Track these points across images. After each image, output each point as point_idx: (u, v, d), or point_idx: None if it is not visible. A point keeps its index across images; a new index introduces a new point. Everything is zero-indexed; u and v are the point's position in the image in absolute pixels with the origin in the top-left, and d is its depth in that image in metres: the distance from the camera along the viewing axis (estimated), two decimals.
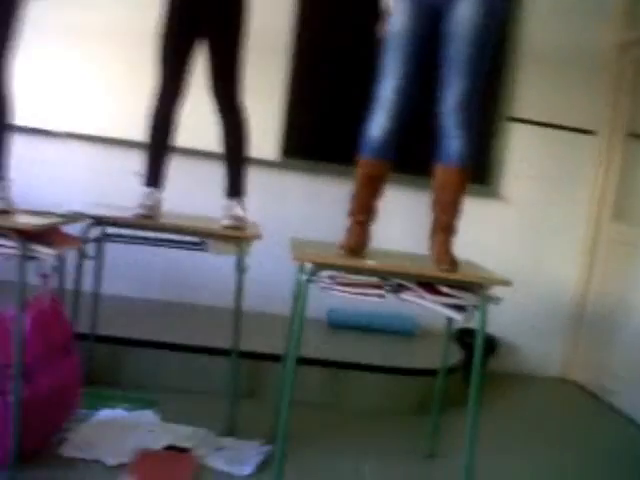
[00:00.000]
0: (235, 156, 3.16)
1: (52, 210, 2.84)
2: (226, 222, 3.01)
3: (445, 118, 2.68)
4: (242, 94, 3.10)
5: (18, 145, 2.84)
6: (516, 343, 4.60)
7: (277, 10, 3.48)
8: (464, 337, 4.00)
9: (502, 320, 4.10)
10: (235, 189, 3.15)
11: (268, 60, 3.28)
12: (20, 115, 2.80)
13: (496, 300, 2.63)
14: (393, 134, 2.73)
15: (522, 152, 4.55)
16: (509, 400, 4.14)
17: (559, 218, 4.60)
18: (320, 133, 4.25)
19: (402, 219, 3.99)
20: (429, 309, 2.66)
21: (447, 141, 2.70)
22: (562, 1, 4.47)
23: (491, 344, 4.30)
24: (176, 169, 3.24)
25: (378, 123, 2.73)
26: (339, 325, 4.27)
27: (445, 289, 2.62)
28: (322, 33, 4.20)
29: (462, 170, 2.72)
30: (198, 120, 3.28)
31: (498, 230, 4.53)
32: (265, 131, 3.21)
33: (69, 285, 2.94)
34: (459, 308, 2.65)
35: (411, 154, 2.99)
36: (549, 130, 4.55)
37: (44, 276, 2.69)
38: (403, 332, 4.28)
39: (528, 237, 4.58)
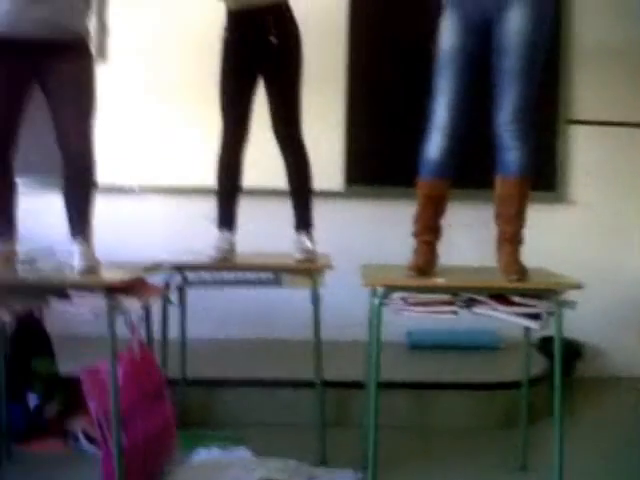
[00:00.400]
0: (300, 191, 3.28)
1: (134, 262, 3.00)
2: (297, 256, 3.13)
3: (502, 130, 2.73)
4: (302, 131, 3.22)
5: (98, 203, 3.01)
6: (602, 346, 4.51)
7: (330, 41, 3.59)
8: (547, 345, 3.96)
9: (586, 324, 4.09)
10: (303, 223, 3.27)
11: (325, 92, 3.40)
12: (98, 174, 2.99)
13: (571, 304, 2.63)
14: (450, 152, 2.79)
15: (586, 154, 4.52)
16: (600, 406, 4.06)
17: (630, 216, 4.53)
18: (382, 158, 4.32)
19: (468, 233, 4.00)
20: (504, 320, 2.69)
21: (505, 153, 2.74)
22: None
23: (576, 349, 4.24)
24: (245, 208, 3.36)
25: (435, 142, 2.79)
26: (419, 346, 4.28)
27: (517, 299, 2.64)
28: (375, 59, 4.31)
29: (522, 181, 2.75)
30: (262, 159, 3.40)
31: (569, 234, 4.48)
32: (328, 162, 3.33)
33: (156, 332, 3.09)
34: (534, 316, 2.67)
35: (471, 167, 3.02)
36: (611, 128, 4.50)
37: (132, 327, 2.84)
38: (485, 346, 4.27)
39: (601, 238, 4.51)
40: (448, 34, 2.77)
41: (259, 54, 3.16)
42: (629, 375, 4.53)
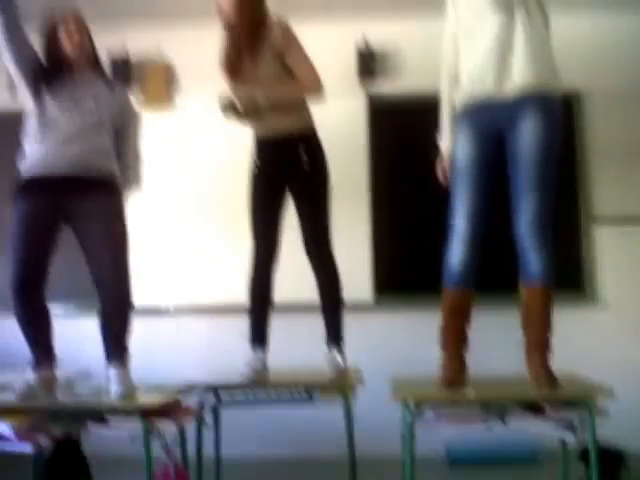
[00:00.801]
0: (331, 306, 3.33)
1: (169, 384, 3.06)
2: (329, 372, 3.15)
3: (522, 240, 2.77)
4: (332, 248, 3.32)
5: (134, 326, 3.10)
6: None
7: (353, 160, 3.74)
8: (587, 454, 3.86)
9: (629, 430, 4.06)
10: (334, 337, 3.30)
11: (352, 208, 3.53)
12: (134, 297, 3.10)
13: (604, 412, 2.62)
14: (472, 261, 2.84)
15: (612, 253, 4.54)
16: None
17: None
18: (409, 267, 4.43)
19: (496, 339, 4.00)
20: (538, 432, 2.67)
21: (527, 262, 2.78)
22: (620, 95, 4.59)
23: (619, 457, 4.12)
24: (276, 323, 3.41)
25: (456, 252, 2.85)
26: (458, 461, 4.21)
27: (550, 409, 2.63)
28: (396, 173, 4.50)
29: (546, 290, 2.78)
30: (291, 274, 3.49)
31: (600, 336, 4.44)
32: (356, 273, 3.42)
33: (191, 452, 3.11)
34: (569, 426, 2.66)
35: (498, 272, 3.07)
36: (636, 225, 4.55)
37: (167, 449, 2.87)
38: (526, 459, 4.17)
39: (634, 339, 4.46)
40: (462, 144, 2.86)
41: (289, 178, 3.30)
42: None
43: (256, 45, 3.21)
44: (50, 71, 3.06)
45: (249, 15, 3.21)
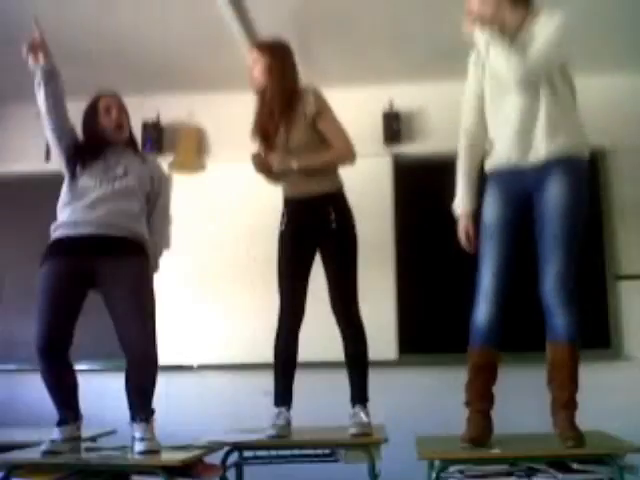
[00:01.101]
0: (357, 365, 3.33)
1: (193, 442, 3.07)
2: (353, 430, 3.11)
3: (547, 298, 2.78)
4: (359, 307, 3.33)
5: (158, 383, 3.13)
6: None
7: (379, 220, 3.80)
8: None
9: None
10: (359, 396, 3.28)
11: (377, 266, 3.57)
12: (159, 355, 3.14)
13: (632, 469, 2.57)
14: (497, 319, 2.85)
15: (638, 309, 4.51)
16: None
17: None
18: (433, 326, 4.44)
19: (524, 398, 3.95)
20: None
21: (553, 320, 2.78)
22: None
23: None
24: (300, 380, 3.40)
25: (482, 311, 2.87)
26: None
27: (577, 465, 2.59)
28: (420, 232, 4.56)
29: (572, 346, 2.77)
30: (315, 332, 3.50)
31: (628, 392, 4.36)
32: (381, 332, 3.44)
33: None
34: None
35: (523, 330, 3.06)
36: None
37: None
38: None
39: None
40: (490, 207, 2.92)
41: (318, 236, 3.35)
42: None
43: (288, 111, 3.29)
44: (86, 147, 3.17)
45: (280, 82, 3.30)
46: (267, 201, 4.50)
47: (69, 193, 3.13)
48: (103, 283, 3.06)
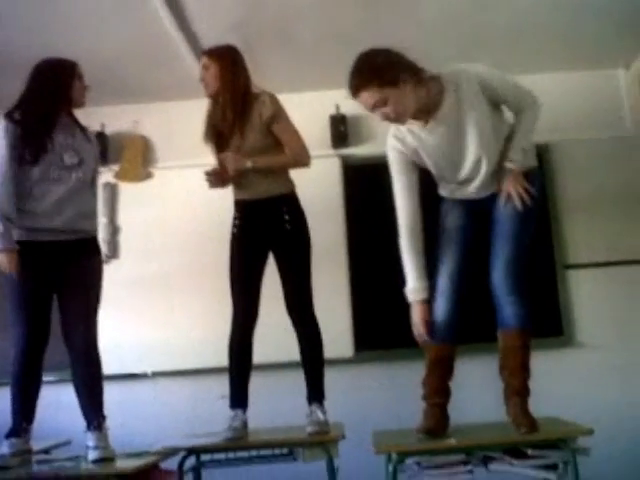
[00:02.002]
0: (313, 364, 3.33)
1: (148, 449, 3.03)
2: (310, 429, 3.11)
3: (496, 288, 2.83)
4: (314, 306, 3.33)
5: (110, 391, 3.09)
6: None
7: (330, 221, 3.81)
8: None
9: (615, 469, 4.06)
10: (316, 395, 3.28)
11: (330, 267, 3.58)
12: (110, 363, 3.09)
13: (585, 451, 2.61)
14: (454, 316, 2.90)
15: (588, 296, 4.59)
16: None
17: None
18: (387, 323, 4.41)
19: (479, 388, 3.99)
20: (521, 475, 2.66)
21: (502, 309, 2.82)
22: (584, 147, 4.74)
23: None
24: (259, 383, 3.39)
25: (439, 309, 2.91)
26: None
27: (531, 451, 2.63)
28: (372, 231, 4.57)
29: (522, 333, 2.81)
30: (269, 333, 3.48)
31: (581, 378, 4.43)
32: (336, 331, 3.44)
33: None
34: (551, 467, 2.65)
35: (478, 322, 3.10)
36: (609, 269, 4.60)
37: None
38: None
39: (613, 379, 4.44)
40: (449, 213, 3.00)
41: (271, 239, 3.34)
42: None
43: (242, 114, 3.29)
44: (36, 124, 3.04)
45: (233, 85, 3.31)
46: (216, 207, 4.48)
47: (25, 182, 3.01)
48: (62, 284, 3.05)
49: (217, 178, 3.33)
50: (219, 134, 3.37)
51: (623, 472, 4.23)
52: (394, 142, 2.92)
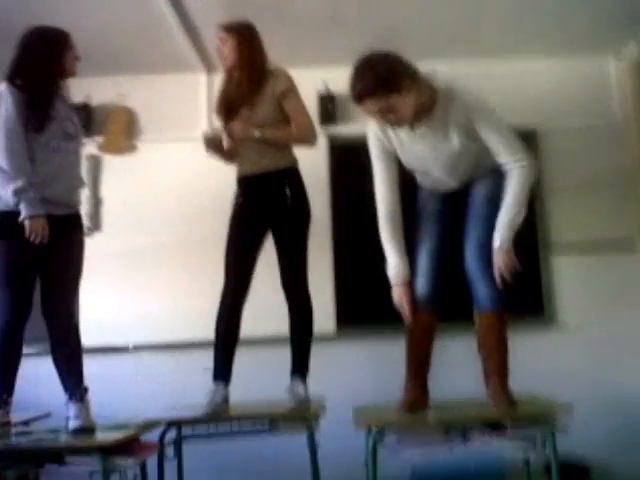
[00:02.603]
0: (302, 340, 3.35)
1: (129, 421, 3.02)
2: (291, 403, 3.13)
3: (470, 270, 2.88)
4: (308, 283, 3.35)
5: (91, 365, 3.09)
6: (612, 465, 4.38)
7: (315, 198, 3.79)
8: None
9: (591, 444, 4.12)
10: (299, 369, 3.30)
11: (314, 244, 3.56)
12: (91, 336, 3.08)
13: (563, 427, 2.64)
14: (433, 292, 2.93)
15: (570, 277, 4.63)
16: None
17: (621, 331, 4.53)
18: (370, 299, 4.44)
19: (461, 365, 4.00)
20: (501, 450, 2.68)
21: (477, 291, 2.87)
22: (572, 134, 4.74)
23: (584, 471, 4.16)
24: (244, 358, 3.39)
25: (420, 285, 2.95)
26: None
27: (510, 427, 2.65)
28: (356, 208, 4.51)
29: (496, 314, 2.84)
30: (256, 308, 3.47)
31: (562, 357, 4.46)
32: (320, 307, 3.46)
33: None
34: (529, 443, 2.68)
35: (459, 302, 3.12)
36: (591, 252, 4.65)
37: None
38: (492, 475, 4.15)
39: (594, 358, 4.49)
40: (425, 199, 3.06)
41: (272, 214, 3.34)
42: None
43: (257, 89, 3.33)
44: (42, 91, 3.02)
45: (250, 59, 3.35)
46: (200, 180, 4.54)
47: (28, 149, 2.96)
48: (46, 258, 3.02)
49: (214, 143, 3.35)
50: (230, 106, 3.39)
51: (601, 449, 4.30)
52: (376, 130, 2.95)
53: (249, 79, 3.33)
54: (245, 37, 3.39)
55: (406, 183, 3.03)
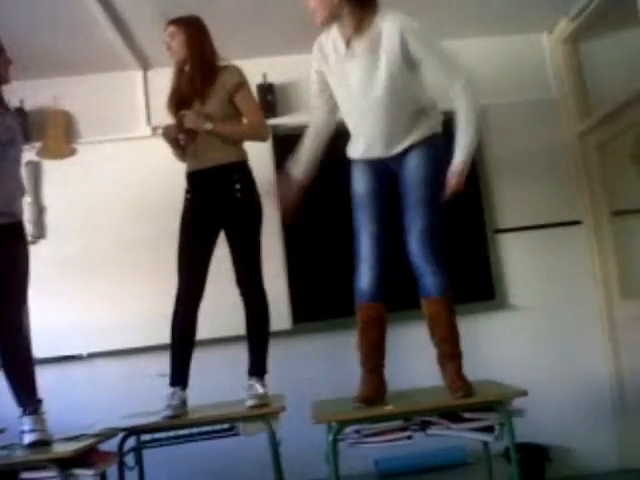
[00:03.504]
0: (258, 337, 3.33)
1: (86, 431, 2.98)
2: (250, 402, 3.12)
3: (414, 257, 2.89)
4: (263, 280, 3.34)
5: (45, 375, 3.04)
6: (570, 446, 4.50)
7: (263, 197, 3.76)
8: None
9: (549, 427, 4.23)
10: (256, 369, 3.29)
11: (266, 241, 3.55)
12: (42, 347, 3.02)
13: (519, 412, 2.69)
14: (377, 280, 2.95)
15: (518, 259, 4.68)
16: None
17: (570, 312, 4.60)
18: (324, 294, 4.45)
19: (417, 353, 4.05)
20: (460, 437, 2.72)
21: (422, 278, 2.89)
22: (510, 111, 4.79)
23: (543, 453, 4.25)
24: (196, 359, 3.34)
25: (363, 273, 2.97)
26: (388, 474, 4.20)
27: (468, 414, 2.69)
28: (305, 206, 4.56)
29: (443, 300, 2.87)
30: (213, 309, 3.46)
31: (514, 340, 4.53)
32: (275, 304, 3.44)
33: None
34: (488, 429, 2.72)
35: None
36: (537, 232, 4.71)
37: None
38: (454, 463, 4.22)
39: (546, 340, 4.56)
40: (359, 181, 3.04)
41: (222, 209, 3.31)
42: (600, 471, 4.52)
43: (207, 83, 3.31)
44: None
45: (200, 52, 3.34)
46: (145, 179, 4.47)
47: None
48: None
49: (170, 137, 3.35)
50: (181, 101, 3.37)
51: (557, 431, 4.39)
52: (315, 48, 3.01)
53: (200, 73, 3.32)
54: (194, 31, 3.38)
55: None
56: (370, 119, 2.90)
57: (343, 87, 2.94)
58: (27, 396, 2.91)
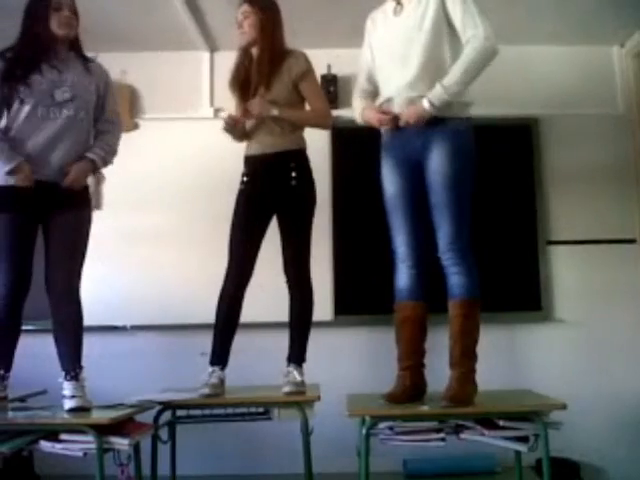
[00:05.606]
0: (301, 326, 3.35)
1: (124, 402, 3.03)
2: (286, 389, 3.14)
3: (442, 260, 2.88)
4: (310, 271, 3.35)
5: (90, 344, 3.10)
6: (599, 464, 4.42)
7: (317, 187, 3.78)
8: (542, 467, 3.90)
9: (582, 443, 4.17)
10: (296, 356, 3.31)
11: (315, 230, 3.53)
12: (90, 315, 3.08)
13: (556, 425, 2.65)
14: (417, 279, 2.96)
15: (568, 272, 4.62)
16: None
17: (617, 330, 4.54)
18: (368, 288, 4.46)
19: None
20: (493, 445, 2.70)
21: (449, 280, 2.88)
22: (574, 123, 4.73)
23: (573, 469, 4.18)
24: (238, 342, 3.37)
25: (402, 273, 2.99)
26: (416, 475, 4.19)
27: (503, 422, 2.66)
28: (356, 200, 4.58)
29: (465, 303, 2.84)
30: (259, 294, 3.49)
31: (558, 353, 4.47)
32: (318, 295, 3.45)
33: (146, 470, 3.07)
34: (522, 439, 2.69)
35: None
36: (589, 246, 4.64)
37: (121, 466, 2.84)
38: (483, 471, 4.19)
39: (590, 355, 4.49)
40: (387, 181, 3.04)
41: (277, 196, 3.32)
42: None
43: (274, 68, 3.31)
44: (25, 54, 2.99)
45: (271, 36, 3.33)
46: (203, 160, 4.52)
47: (11, 122, 2.96)
48: (49, 232, 3.02)
49: (233, 124, 3.34)
50: (245, 84, 3.37)
51: (590, 449, 4.32)
52: (367, 24, 3.16)
53: (269, 58, 3.31)
54: (269, 14, 3.36)
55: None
56: (408, 65, 2.91)
57: (388, 34, 3.01)
58: (70, 360, 2.96)
